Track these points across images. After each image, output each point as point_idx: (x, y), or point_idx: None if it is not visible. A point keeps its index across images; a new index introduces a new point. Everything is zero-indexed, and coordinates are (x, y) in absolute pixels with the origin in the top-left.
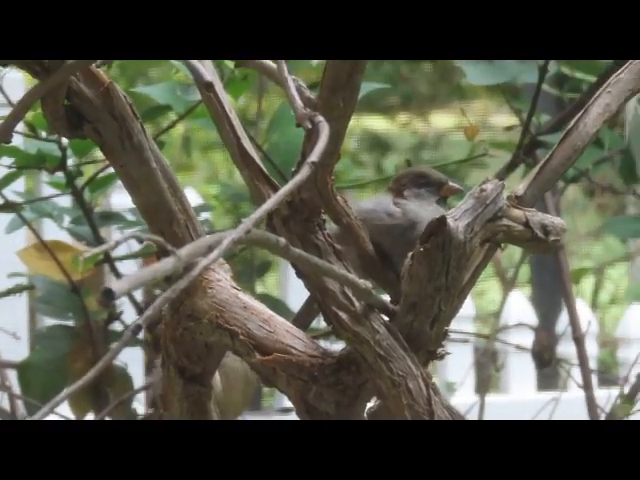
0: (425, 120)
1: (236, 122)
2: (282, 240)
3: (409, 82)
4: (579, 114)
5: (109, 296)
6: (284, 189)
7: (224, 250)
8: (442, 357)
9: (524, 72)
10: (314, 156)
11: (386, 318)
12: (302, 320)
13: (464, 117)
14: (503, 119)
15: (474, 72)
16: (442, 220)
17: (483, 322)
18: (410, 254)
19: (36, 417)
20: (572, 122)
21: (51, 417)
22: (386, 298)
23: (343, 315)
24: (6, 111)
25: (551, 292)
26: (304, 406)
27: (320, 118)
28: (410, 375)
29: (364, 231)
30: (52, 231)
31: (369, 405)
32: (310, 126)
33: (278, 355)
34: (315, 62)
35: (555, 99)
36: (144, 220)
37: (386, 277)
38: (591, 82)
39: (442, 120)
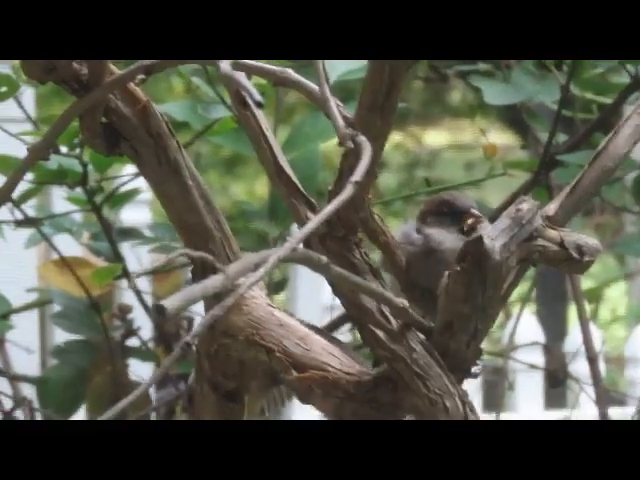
0: (417, 139)
1: (273, 140)
2: (324, 258)
3: (401, 100)
4: (609, 135)
5: (161, 312)
6: (329, 207)
7: (270, 268)
8: (477, 375)
9: (541, 92)
10: (357, 175)
11: (422, 336)
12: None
13: (459, 135)
14: (495, 138)
15: (491, 92)
16: (479, 240)
17: (489, 340)
18: (447, 273)
19: None
20: (602, 143)
21: None
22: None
23: (380, 333)
24: (21, 127)
25: (556, 310)
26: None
27: (362, 137)
28: (447, 393)
29: (401, 250)
30: (63, 247)
31: None
32: (352, 145)
33: (314, 372)
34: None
35: (564, 119)
36: (180, 238)
37: (422, 297)
38: (601, 103)
39: (435, 138)
